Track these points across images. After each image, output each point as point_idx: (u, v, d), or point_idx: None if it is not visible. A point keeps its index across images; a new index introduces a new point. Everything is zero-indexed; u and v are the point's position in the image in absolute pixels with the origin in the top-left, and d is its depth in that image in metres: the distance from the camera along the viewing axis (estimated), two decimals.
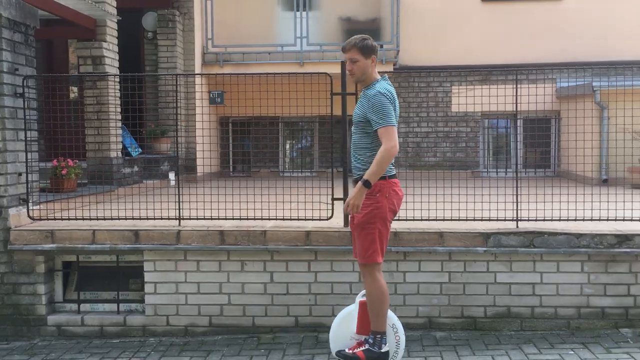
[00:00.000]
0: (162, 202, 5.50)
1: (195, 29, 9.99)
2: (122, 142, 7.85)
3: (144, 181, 8.22)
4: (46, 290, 5.19)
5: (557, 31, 10.50)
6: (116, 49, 7.57)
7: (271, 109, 6.01)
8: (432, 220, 5.15)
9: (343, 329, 4.19)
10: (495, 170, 10.15)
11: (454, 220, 5.13)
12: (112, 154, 7.28)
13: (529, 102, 5.57)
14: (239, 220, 5.26)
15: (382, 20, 10.66)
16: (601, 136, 8.58)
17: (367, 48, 3.96)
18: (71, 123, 7.06)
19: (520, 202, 5.11)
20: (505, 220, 5.08)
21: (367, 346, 4.01)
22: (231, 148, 11.02)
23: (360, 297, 4.16)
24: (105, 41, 7.29)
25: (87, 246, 5.08)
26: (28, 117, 5.32)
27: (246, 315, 5.05)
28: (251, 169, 10.95)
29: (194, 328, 5.07)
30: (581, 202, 5.25)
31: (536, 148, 10.58)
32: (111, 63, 7.41)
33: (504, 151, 10.85)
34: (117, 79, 7.24)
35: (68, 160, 6.36)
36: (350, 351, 4.04)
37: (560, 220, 5.07)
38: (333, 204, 5.28)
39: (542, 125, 10.41)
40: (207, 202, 5.37)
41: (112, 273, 5.28)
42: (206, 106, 7.66)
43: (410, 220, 5.15)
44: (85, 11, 7.01)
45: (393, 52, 10.37)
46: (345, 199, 5.20)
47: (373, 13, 10.83)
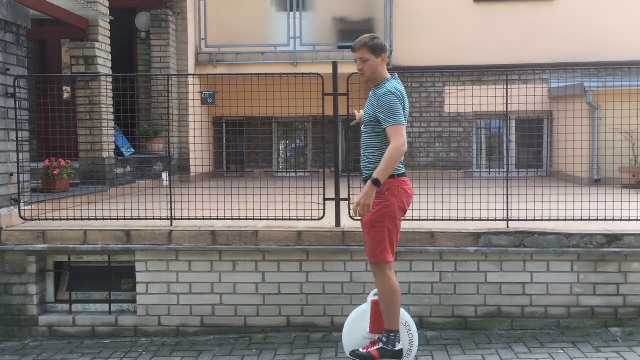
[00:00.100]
0: (155, 203, 5.50)
1: (188, 29, 9.99)
2: (115, 143, 7.84)
3: (137, 181, 8.21)
4: (38, 290, 5.18)
5: (549, 32, 10.55)
6: (109, 49, 7.56)
7: (265, 109, 6.03)
8: (424, 220, 5.18)
9: (356, 329, 4.17)
10: (488, 170, 10.19)
11: (445, 220, 5.16)
12: (105, 154, 7.27)
13: (522, 103, 5.60)
14: (231, 220, 5.27)
15: (376, 20, 10.69)
16: (593, 136, 8.63)
17: (378, 47, 3.96)
18: (63, 123, 7.05)
19: (511, 202, 5.14)
20: (495, 220, 5.10)
21: (381, 345, 4.01)
22: (225, 148, 11.03)
23: (372, 297, 4.15)
24: (97, 41, 7.28)
25: (79, 246, 5.08)
26: (19, 118, 5.31)
27: (238, 315, 5.06)
28: (245, 169, 10.96)
29: (186, 328, 5.08)
30: (572, 202, 5.28)
31: (529, 148, 10.63)
32: (104, 63, 7.40)
33: (497, 151, 10.90)
34: (110, 79, 7.25)
35: (60, 160, 6.35)
36: (364, 350, 4.04)
37: (550, 220, 5.11)
38: (325, 204, 5.29)
39: (535, 125, 10.46)
40: (200, 202, 5.38)
41: (104, 273, 5.27)
42: (199, 106, 7.66)
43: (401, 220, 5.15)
44: (77, 11, 7.00)
45: (386, 53, 10.37)
46: (337, 199, 5.24)
47: (366, 13, 10.86)
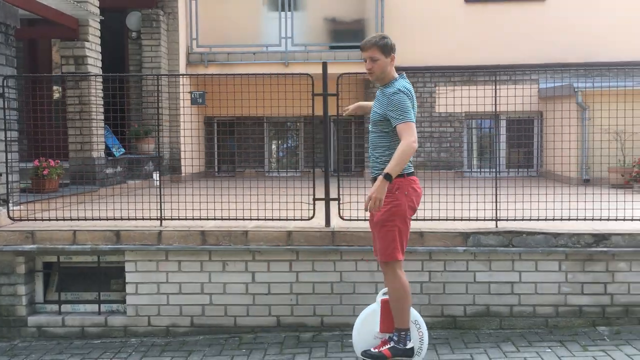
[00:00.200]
0: (144, 203, 5.49)
1: (179, 29, 9.98)
2: (105, 142, 7.82)
3: (127, 181, 8.19)
4: (26, 291, 5.16)
5: (540, 32, 10.60)
6: (99, 49, 7.54)
7: (256, 109, 6.03)
8: (413, 219, 5.17)
9: (366, 329, 4.16)
10: (478, 170, 10.23)
11: (435, 220, 5.17)
12: (95, 154, 7.25)
13: (512, 103, 5.62)
14: (221, 220, 5.27)
15: (367, 21, 10.70)
16: (582, 137, 8.68)
17: (388, 47, 3.97)
18: (52, 123, 7.03)
19: (500, 202, 5.17)
20: (484, 220, 5.13)
21: (393, 344, 4.01)
22: (216, 148, 11.02)
23: (381, 296, 4.15)
24: (87, 41, 7.26)
25: (68, 247, 5.06)
26: (8, 117, 5.29)
27: (228, 315, 5.06)
28: (236, 169, 10.95)
29: (176, 328, 5.07)
30: (560, 202, 5.32)
31: (519, 148, 10.68)
32: (94, 63, 7.39)
33: (488, 151, 10.95)
34: (99, 79, 7.22)
35: (50, 160, 6.33)
36: (376, 350, 4.04)
37: (538, 220, 5.14)
38: (314, 204, 5.30)
39: (525, 125, 10.51)
40: (190, 203, 5.38)
41: (94, 273, 5.26)
42: (190, 106, 7.65)
43: None
44: (67, 11, 6.98)
45: None
46: (326, 199, 5.25)
47: (358, 14, 10.87)
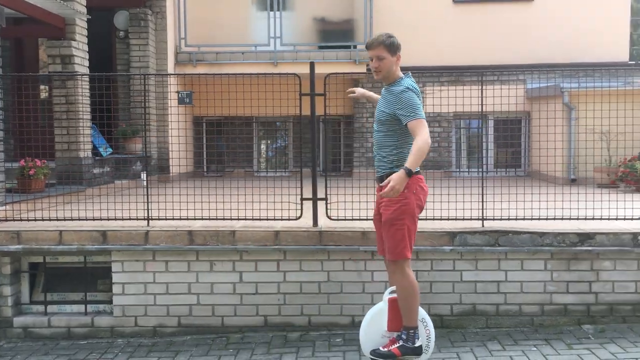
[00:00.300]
0: (132, 203, 5.48)
1: (168, 28, 9.93)
2: (92, 142, 7.78)
3: (115, 181, 8.15)
4: (12, 291, 5.13)
5: (527, 33, 10.67)
6: (86, 48, 7.50)
7: (245, 109, 6.02)
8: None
9: (373, 328, 4.15)
10: (467, 170, 10.27)
11: (421, 219, 5.17)
12: (82, 154, 7.21)
13: (500, 103, 5.65)
14: (208, 220, 5.26)
15: (356, 21, 10.72)
16: (569, 137, 8.75)
17: (394, 46, 3.99)
18: (38, 123, 6.98)
19: (486, 202, 5.20)
20: (471, 219, 5.16)
21: (401, 342, 4.02)
22: (205, 148, 10.99)
23: (388, 295, 4.15)
24: (74, 40, 7.22)
25: (54, 247, 5.04)
26: None
27: (215, 315, 5.06)
28: (225, 169, 10.92)
29: (163, 328, 5.06)
30: (546, 202, 5.36)
31: (507, 148, 10.73)
32: (81, 62, 7.35)
33: (476, 151, 10.99)
34: (86, 78, 7.18)
35: (36, 160, 6.29)
36: (385, 349, 4.04)
37: (524, 219, 5.17)
38: (302, 204, 5.31)
39: (513, 125, 10.57)
40: (177, 203, 5.37)
41: (80, 274, 5.23)
42: (179, 106, 7.62)
43: None
44: (54, 10, 6.94)
45: (366, 53, 10.36)
46: (314, 199, 5.26)
47: (347, 14, 10.88)
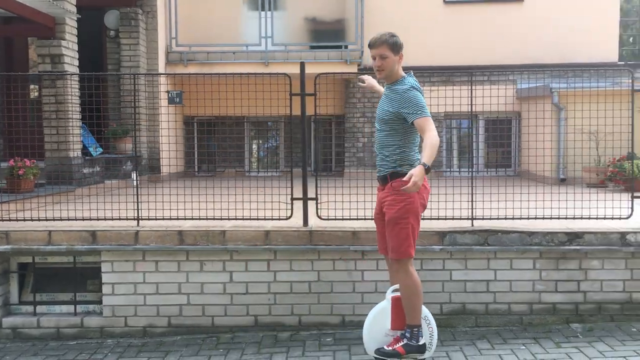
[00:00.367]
0: (122, 203, 5.46)
1: (158, 28, 9.91)
2: (82, 142, 7.75)
3: (106, 181, 8.13)
4: (1, 292, 5.11)
5: (517, 33, 10.73)
6: (76, 47, 7.48)
7: (237, 109, 6.02)
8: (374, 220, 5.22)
9: (376, 327, 4.16)
10: (457, 170, 10.31)
11: None
12: (72, 154, 7.18)
13: (491, 103, 5.68)
14: (199, 220, 5.26)
15: (347, 21, 10.74)
16: (558, 136, 8.80)
17: (397, 45, 4.00)
18: (27, 122, 6.95)
19: (475, 202, 5.22)
20: (460, 219, 5.18)
21: (406, 341, 4.03)
22: (196, 148, 10.97)
23: (390, 293, 4.16)
24: (64, 39, 7.19)
25: (43, 247, 5.02)
26: None
27: (205, 315, 5.05)
28: (216, 169, 10.91)
29: (153, 329, 5.05)
30: (535, 201, 5.39)
31: (497, 148, 10.78)
32: (71, 62, 7.32)
33: (467, 151, 11.02)
34: (77, 78, 7.15)
35: (25, 160, 6.26)
36: (389, 348, 4.05)
37: (513, 218, 5.20)
38: (292, 204, 5.31)
39: (503, 125, 10.61)
40: (168, 203, 5.36)
41: (69, 274, 5.22)
42: (170, 106, 7.62)
43: (369, 219, 5.20)
44: (43, 9, 6.91)
45: (357, 53, 10.46)
46: (304, 199, 5.26)
47: (338, 14, 10.90)
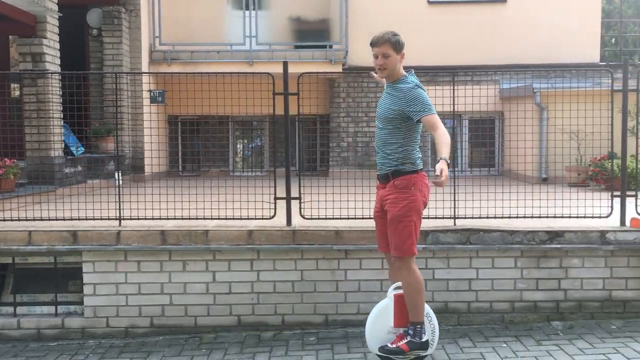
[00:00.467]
0: (104, 202, 5.43)
1: (142, 27, 9.85)
2: (64, 141, 7.68)
3: (88, 181, 8.06)
4: None
5: (501, 34, 10.81)
6: (57, 46, 7.41)
7: (221, 109, 6.00)
8: (373, 218, 5.22)
9: (379, 325, 4.17)
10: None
11: None
12: (53, 153, 7.11)
13: (474, 103, 5.72)
14: (181, 220, 5.24)
15: (331, 21, 10.75)
16: (541, 136, 8.88)
17: (399, 44, 4.01)
18: (7, 121, 6.87)
19: (458, 201, 5.25)
20: (443, 218, 5.21)
21: (409, 338, 4.04)
22: (180, 147, 10.92)
23: (392, 291, 4.16)
24: (45, 38, 7.12)
25: (23, 247, 4.97)
26: None
27: (188, 315, 5.03)
28: (201, 169, 10.87)
29: (135, 329, 5.02)
30: (517, 200, 5.43)
31: (481, 148, 10.85)
32: (52, 60, 7.25)
33: (450, 151, 11.06)
34: (59, 77, 7.09)
35: (5, 159, 6.19)
36: (393, 345, 4.05)
37: (495, 217, 5.25)
38: (275, 203, 5.31)
39: (487, 125, 10.69)
40: (151, 202, 5.33)
41: (50, 275, 5.16)
42: (150, 105, 7.58)
43: (352, 218, 5.23)
44: (24, 7, 6.84)
45: (342, 53, 10.47)
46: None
47: (322, 14, 10.90)
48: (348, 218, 5.22)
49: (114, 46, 9.43)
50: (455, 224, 5.12)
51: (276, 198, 5.31)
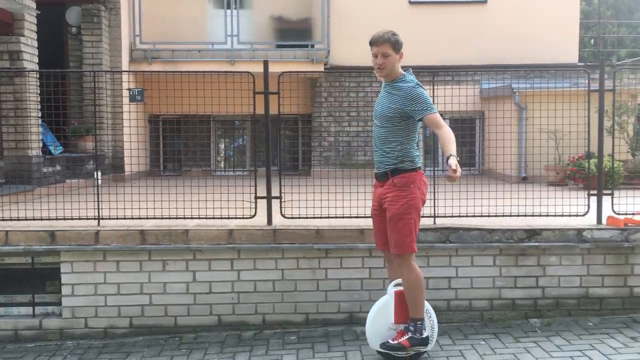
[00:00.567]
0: (82, 202, 5.37)
1: (122, 25, 9.76)
2: (42, 140, 7.59)
3: (67, 181, 7.98)
4: None
5: (481, 34, 10.89)
6: (35, 44, 7.31)
7: (202, 107, 5.98)
8: (354, 217, 5.26)
9: (379, 322, 4.20)
10: (423, 169, 10.40)
11: None
12: (31, 152, 7.03)
13: (455, 103, 5.76)
14: (161, 219, 5.21)
15: (313, 20, 10.75)
16: (520, 135, 8.97)
17: (399, 43, 4.03)
18: None
19: (438, 200, 5.29)
20: (423, 216, 5.21)
21: (410, 334, 4.08)
22: (162, 147, 10.85)
23: (392, 288, 4.19)
24: (23, 35, 7.03)
25: (0, 248, 4.90)
26: None
27: (168, 315, 5.00)
28: (182, 168, 10.81)
29: (114, 330, 4.98)
30: (496, 199, 5.48)
31: (461, 147, 10.92)
32: (30, 58, 7.16)
33: (432, 150, 11.15)
34: (37, 75, 7.01)
35: None
36: (395, 342, 4.09)
37: (474, 216, 5.29)
38: (256, 203, 5.30)
39: (467, 125, 10.77)
40: (130, 202, 5.29)
41: (28, 275, 5.11)
42: (129, 103, 7.52)
43: (332, 217, 5.24)
44: (1, 4, 6.73)
45: (324, 52, 10.48)
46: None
47: (304, 13, 10.90)
48: (329, 217, 5.23)
49: (94, 44, 9.34)
50: (435, 223, 5.16)
51: (257, 197, 5.30)
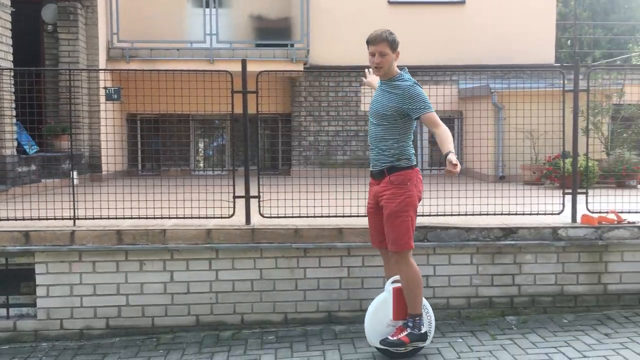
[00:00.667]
0: (58, 202, 5.29)
1: (99, 23, 9.66)
2: (17, 140, 7.47)
3: (42, 180, 7.87)
4: None
5: (460, 35, 10.98)
6: (10, 42, 7.19)
7: (179, 106, 5.94)
8: (332, 217, 5.27)
9: (378, 319, 4.21)
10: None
11: (353, 216, 5.26)
12: (5, 152, 6.91)
13: (433, 102, 5.76)
14: (138, 219, 5.16)
15: (293, 19, 10.75)
16: (497, 135, 9.06)
17: (395, 42, 4.08)
18: None
19: None
20: None
21: (409, 330, 4.11)
22: (140, 146, 10.75)
23: (390, 284, 4.21)
24: None
25: None
26: None
27: (145, 315, 4.96)
28: (161, 168, 10.73)
29: (90, 331, 4.93)
30: (473, 198, 5.54)
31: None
32: (4, 56, 7.03)
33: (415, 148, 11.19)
34: (12, 73, 6.90)
35: None
36: (394, 338, 4.11)
37: (452, 215, 5.33)
38: (234, 202, 5.28)
39: (446, 124, 10.81)
40: (107, 202, 5.23)
41: (1, 276, 5.02)
42: (106, 102, 7.44)
43: (311, 217, 5.24)
44: None
45: (303, 52, 10.48)
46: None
47: (283, 12, 10.90)
48: (308, 217, 5.23)
49: (70, 42, 9.23)
50: None
51: (235, 197, 5.29)
